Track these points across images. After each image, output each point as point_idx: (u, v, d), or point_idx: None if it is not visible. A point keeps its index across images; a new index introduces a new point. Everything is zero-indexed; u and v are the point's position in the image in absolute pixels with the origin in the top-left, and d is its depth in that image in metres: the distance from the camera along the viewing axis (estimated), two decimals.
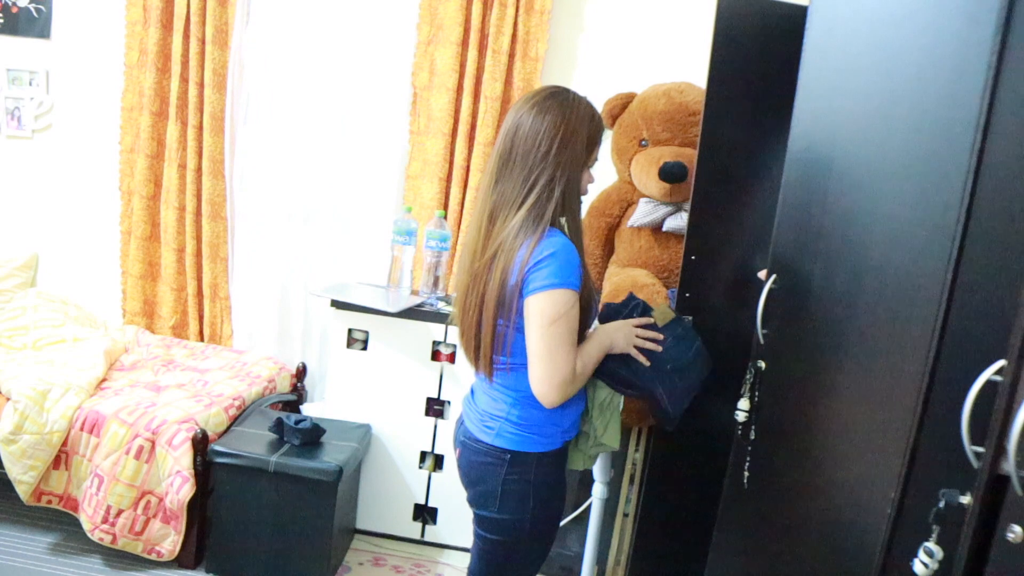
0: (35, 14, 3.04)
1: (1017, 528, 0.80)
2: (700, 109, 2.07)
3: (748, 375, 1.56)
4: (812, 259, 1.35)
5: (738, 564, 1.61)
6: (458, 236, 2.83)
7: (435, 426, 2.59)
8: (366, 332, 2.57)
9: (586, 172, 1.46)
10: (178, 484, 2.22)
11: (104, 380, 2.59)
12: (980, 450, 0.85)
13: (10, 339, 2.77)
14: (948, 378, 0.94)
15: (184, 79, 2.91)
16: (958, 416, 0.87)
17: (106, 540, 2.26)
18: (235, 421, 2.50)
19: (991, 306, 0.90)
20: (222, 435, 2.40)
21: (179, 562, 2.34)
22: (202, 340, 3.11)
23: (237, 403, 2.54)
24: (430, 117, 2.82)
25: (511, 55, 2.76)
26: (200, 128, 2.94)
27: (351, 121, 2.94)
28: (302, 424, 2.37)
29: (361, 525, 2.67)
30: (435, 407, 2.58)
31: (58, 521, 2.50)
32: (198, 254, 3.04)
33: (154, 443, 2.27)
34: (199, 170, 2.97)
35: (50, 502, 2.36)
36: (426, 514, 2.65)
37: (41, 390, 2.32)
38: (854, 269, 1.20)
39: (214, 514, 2.33)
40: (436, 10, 2.78)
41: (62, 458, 2.34)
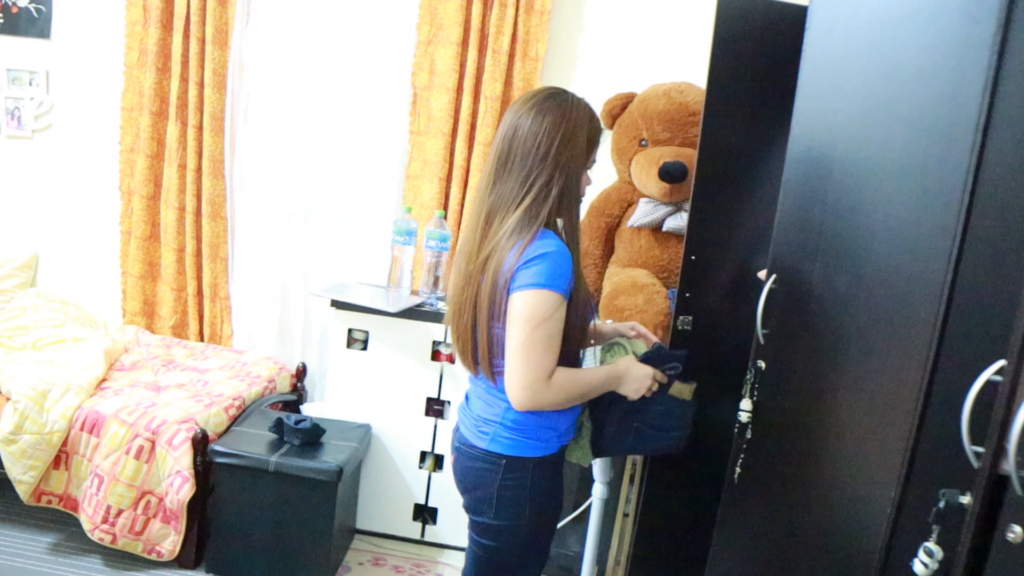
0: (35, 14, 3.04)
1: (1017, 528, 0.80)
2: (700, 109, 2.07)
3: (748, 375, 1.56)
4: (812, 259, 1.35)
5: (738, 564, 1.61)
6: (458, 236, 2.83)
7: (435, 426, 2.59)
8: (366, 332, 2.57)
9: (584, 174, 1.45)
10: (178, 484, 2.22)
11: (104, 380, 2.59)
12: (980, 450, 0.85)
13: (10, 339, 2.77)
14: (948, 378, 0.94)
15: (184, 79, 2.91)
16: (958, 416, 0.87)
17: (106, 540, 2.26)
18: (235, 421, 2.50)
19: (991, 306, 0.90)
20: (222, 435, 2.39)
21: (179, 562, 2.34)
22: (202, 340, 3.11)
23: (237, 403, 2.54)
24: (430, 117, 2.82)
25: (511, 55, 2.76)
26: (200, 128, 2.94)
27: (351, 121, 2.94)
28: (302, 424, 2.37)
29: (361, 525, 2.67)
30: (435, 407, 2.58)
31: (58, 521, 2.50)
32: (198, 254, 3.04)
33: (154, 443, 2.27)
34: (199, 170, 2.97)
35: (50, 502, 2.36)
36: (426, 514, 2.65)
37: (41, 390, 2.32)
38: (854, 269, 1.20)
39: (214, 514, 2.33)
40: (436, 10, 2.78)
41: (62, 458, 2.33)
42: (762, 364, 1.51)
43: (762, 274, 1.64)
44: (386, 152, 2.93)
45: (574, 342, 1.42)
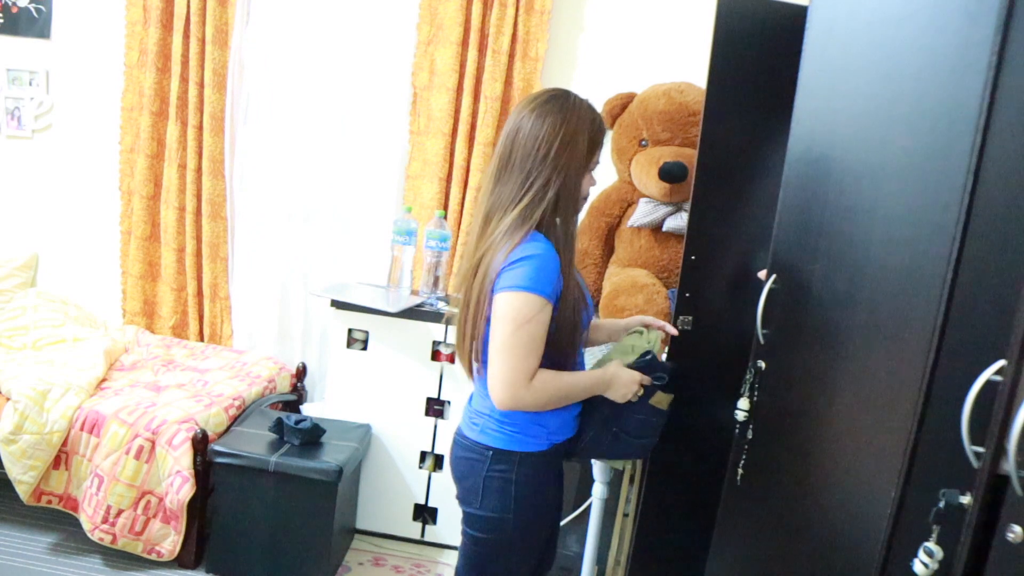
0: (35, 14, 3.04)
1: (1017, 528, 0.80)
2: (700, 109, 2.07)
3: (748, 375, 1.57)
4: (812, 259, 1.35)
5: (738, 564, 1.61)
6: (458, 236, 2.83)
7: (435, 426, 2.59)
8: (366, 332, 2.57)
9: (587, 175, 1.46)
10: (178, 484, 2.22)
11: (104, 380, 2.59)
12: (980, 450, 0.85)
13: (10, 339, 2.77)
14: (948, 378, 0.94)
15: (184, 79, 2.91)
16: (958, 416, 0.87)
17: (106, 540, 2.26)
18: (235, 421, 2.50)
19: (991, 306, 0.90)
20: (222, 435, 2.40)
21: (179, 562, 2.34)
22: (202, 340, 3.11)
23: (237, 403, 2.54)
24: (430, 117, 2.82)
25: (511, 55, 2.76)
26: (200, 128, 2.94)
27: (351, 121, 2.94)
28: (302, 424, 2.37)
29: (361, 525, 2.67)
30: (435, 407, 2.58)
31: (58, 521, 2.50)
32: (198, 254, 3.04)
33: (154, 443, 2.27)
34: (199, 170, 2.97)
35: (50, 502, 2.36)
36: (426, 514, 2.65)
37: (41, 390, 2.32)
38: (854, 269, 1.20)
39: (214, 514, 2.33)
40: (436, 10, 2.78)
41: (62, 458, 2.34)
42: (762, 364, 1.51)
43: (762, 274, 1.64)
44: (386, 152, 2.93)
45: (563, 344, 1.43)
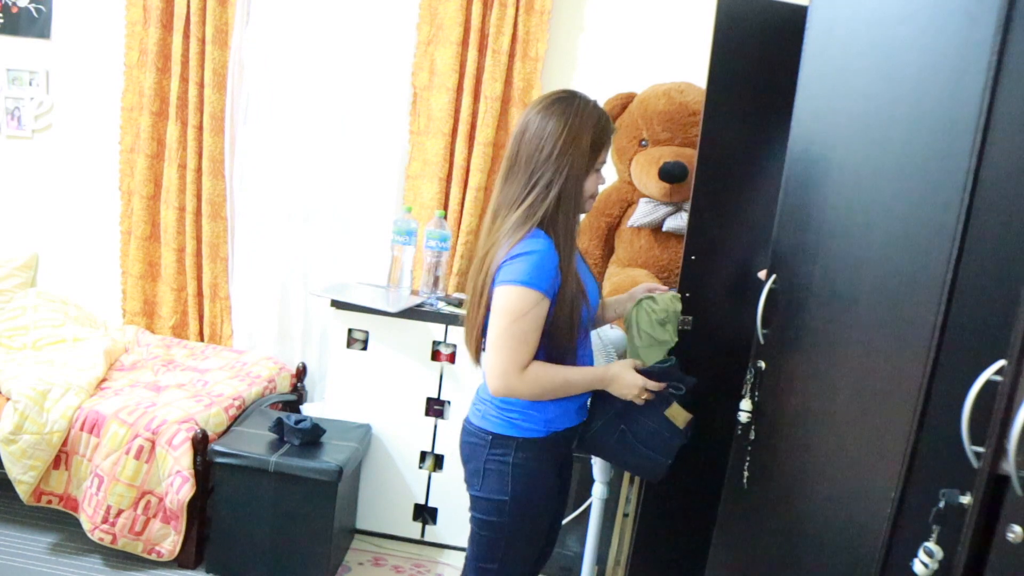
0: (35, 14, 3.04)
1: (1017, 528, 0.80)
2: (700, 109, 2.07)
3: (749, 375, 1.57)
4: (812, 259, 1.35)
5: (738, 564, 1.61)
6: (458, 236, 2.83)
7: (435, 426, 2.59)
8: (366, 332, 2.57)
9: (592, 175, 1.50)
10: (178, 484, 2.22)
11: (104, 380, 2.58)
12: (980, 450, 0.85)
13: (10, 339, 2.77)
14: (948, 378, 0.94)
15: (184, 79, 2.91)
16: (958, 416, 0.87)
17: (106, 540, 2.26)
18: (235, 421, 2.50)
19: (991, 306, 0.90)
20: (222, 435, 2.39)
21: (179, 562, 2.34)
22: (202, 340, 3.11)
23: (237, 403, 2.54)
24: (430, 117, 2.82)
25: (511, 55, 2.76)
26: (200, 128, 2.94)
27: (351, 121, 2.94)
28: (302, 424, 2.37)
29: (361, 525, 2.67)
30: (435, 407, 2.58)
31: (58, 521, 2.50)
32: (198, 254, 3.04)
33: (154, 443, 2.27)
34: (199, 170, 2.97)
35: (50, 502, 2.36)
36: (426, 514, 2.65)
37: (41, 390, 2.32)
38: (854, 269, 1.20)
39: (214, 514, 2.33)
40: (436, 10, 2.78)
41: (62, 458, 2.33)
42: (762, 364, 1.51)
43: (762, 274, 1.64)
44: (386, 152, 2.93)
45: (560, 338, 1.47)
